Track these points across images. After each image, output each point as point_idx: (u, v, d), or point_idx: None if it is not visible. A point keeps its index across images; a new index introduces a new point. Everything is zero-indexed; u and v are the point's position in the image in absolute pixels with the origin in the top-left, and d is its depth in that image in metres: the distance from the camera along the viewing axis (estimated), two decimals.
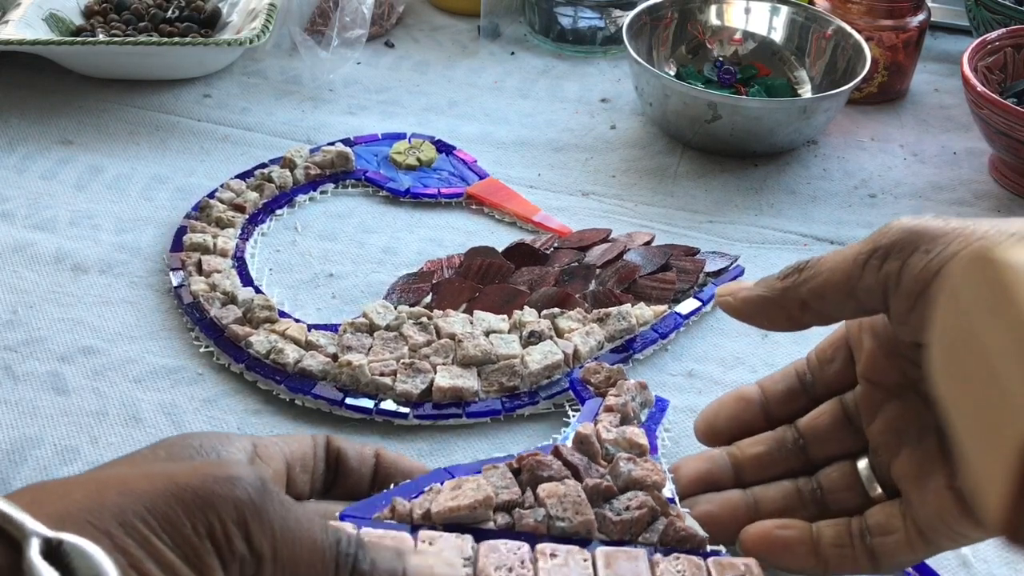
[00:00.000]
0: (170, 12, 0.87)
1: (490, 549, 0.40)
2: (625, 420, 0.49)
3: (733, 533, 0.45)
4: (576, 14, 0.90)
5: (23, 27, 0.81)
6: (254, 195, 0.69)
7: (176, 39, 0.81)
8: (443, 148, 0.76)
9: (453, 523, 0.41)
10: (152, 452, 0.36)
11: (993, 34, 0.78)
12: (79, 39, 0.80)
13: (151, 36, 0.84)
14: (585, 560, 0.40)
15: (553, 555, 0.40)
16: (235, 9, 0.88)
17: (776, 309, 0.44)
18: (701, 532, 0.43)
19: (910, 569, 0.46)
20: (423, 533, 0.40)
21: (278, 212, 0.69)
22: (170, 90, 0.82)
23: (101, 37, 0.83)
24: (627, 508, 0.43)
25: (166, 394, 0.56)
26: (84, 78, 0.82)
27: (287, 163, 0.72)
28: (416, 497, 0.42)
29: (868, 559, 0.43)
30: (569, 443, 0.46)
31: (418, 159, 0.74)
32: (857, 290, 0.41)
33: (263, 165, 0.72)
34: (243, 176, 0.71)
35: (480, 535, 0.41)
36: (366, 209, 0.71)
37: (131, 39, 0.80)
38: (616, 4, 0.90)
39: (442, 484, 0.43)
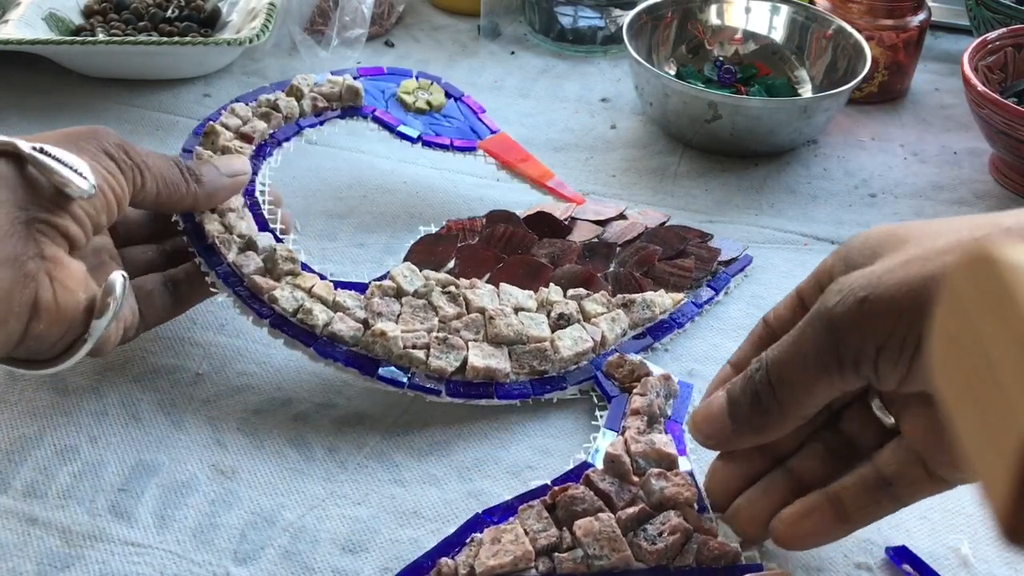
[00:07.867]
0: (170, 12, 0.87)
1: None
2: (652, 421, 0.51)
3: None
4: (576, 13, 0.90)
5: (23, 27, 0.81)
6: (262, 124, 0.64)
7: (176, 39, 0.81)
8: (451, 94, 0.73)
9: None
10: None
11: (993, 34, 0.78)
12: (79, 39, 0.80)
13: (151, 36, 0.84)
14: None
15: None
16: (235, 8, 0.88)
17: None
18: (734, 545, 0.45)
19: (909, 568, 0.46)
20: None
21: (285, 144, 0.65)
22: (170, 90, 0.82)
23: (101, 37, 0.83)
24: (661, 535, 0.45)
25: (165, 394, 0.56)
26: (84, 78, 0.82)
27: (294, 92, 0.67)
28: (459, 552, 0.45)
29: (894, 505, 0.43)
30: (599, 462, 0.49)
31: (428, 103, 0.71)
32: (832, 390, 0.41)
33: (265, 88, 0.67)
34: (246, 100, 0.66)
35: None
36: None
37: (131, 39, 0.80)
38: (616, 3, 0.90)
39: (481, 533, 0.45)
